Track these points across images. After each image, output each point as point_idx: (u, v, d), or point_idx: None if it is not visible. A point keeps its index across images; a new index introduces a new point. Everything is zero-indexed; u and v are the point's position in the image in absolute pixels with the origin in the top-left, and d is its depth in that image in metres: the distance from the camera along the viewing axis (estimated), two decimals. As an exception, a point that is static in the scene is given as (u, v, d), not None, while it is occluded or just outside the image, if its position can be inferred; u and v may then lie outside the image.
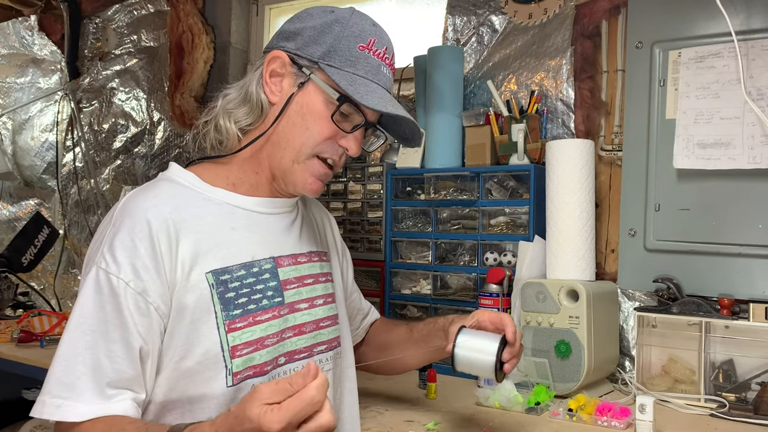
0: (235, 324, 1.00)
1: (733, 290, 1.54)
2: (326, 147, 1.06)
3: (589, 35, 1.84)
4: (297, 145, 1.05)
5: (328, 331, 1.16)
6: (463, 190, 1.85)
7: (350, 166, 2.14)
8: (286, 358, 1.07)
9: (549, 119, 1.88)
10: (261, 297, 1.04)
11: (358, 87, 1.02)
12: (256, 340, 1.02)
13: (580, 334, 1.51)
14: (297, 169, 1.06)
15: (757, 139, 1.52)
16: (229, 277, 1.01)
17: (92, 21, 3.15)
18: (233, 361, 0.98)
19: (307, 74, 1.05)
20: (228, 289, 1.00)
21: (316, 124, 1.05)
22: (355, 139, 1.08)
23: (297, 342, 1.09)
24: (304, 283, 1.13)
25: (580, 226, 1.63)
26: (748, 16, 1.55)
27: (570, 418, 1.37)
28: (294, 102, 1.05)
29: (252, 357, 1.01)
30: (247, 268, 1.04)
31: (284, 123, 1.06)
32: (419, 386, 1.64)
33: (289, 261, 1.12)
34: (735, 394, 1.46)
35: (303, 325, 1.11)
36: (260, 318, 1.03)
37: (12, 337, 2.10)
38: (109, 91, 3.07)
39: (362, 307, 1.41)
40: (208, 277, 0.99)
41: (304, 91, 1.05)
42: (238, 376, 0.99)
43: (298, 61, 1.05)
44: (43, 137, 3.32)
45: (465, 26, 2.09)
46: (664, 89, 1.67)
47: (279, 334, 1.06)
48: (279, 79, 1.06)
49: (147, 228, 0.96)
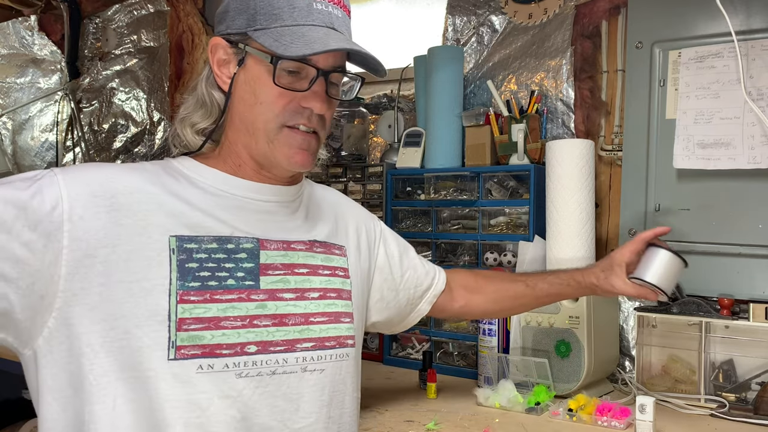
0: (189, 296, 0.93)
1: (733, 290, 1.54)
2: (289, 114, 0.98)
3: (589, 35, 1.84)
4: (261, 123, 0.99)
5: (321, 328, 1.06)
6: (463, 190, 1.85)
7: (350, 166, 2.14)
8: (258, 348, 0.98)
9: (549, 119, 1.88)
10: (227, 276, 0.97)
11: (283, 39, 0.93)
12: (210, 319, 0.94)
13: (580, 334, 1.51)
14: (274, 147, 0.99)
15: (757, 139, 1.52)
16: (196, 246, 0.95)
17: (92, 21, 3.15)
18: (178, 333, 0.91)
19: (243, 48, 0.98)
20: (192, 258, 0.94)
21: (267, 95, 0.98)
22: (315, 94, 0.98)
23: (276, 333, 1.00)
24: (294, 271, 1.05)
25: (580, 226, 1.63)
26: (748, 16, 1.55)
27: (570, 418, 1.37)
28: (240, 82, 0.99)
29: (201, 335, 0.93)
30: (220, 243, 0.98)
31: (241, 107, 1.00)
32: (419, 386, 1.64)
33: (279, 246, 1.04)
34: (735, 394, 1.46)
35: (286, 317, 1.02)
36: (219, 297, 0.96)
37: (12, 337, 2.10)
38: (109, 91, 3.07)
39: (420, 282, 1.32)
40: (171, 240, 0.94)
41: (245, 67, 0.99)
42: (182, 351, 0.91)
43: (231, 39, 0.99)
44: (43, 137, 3.32)
45: (465, 26, 2.09)
46: (664, 89, 1.67)
47: (248, 319, 0.98)
48: (225, 64, 1.00)
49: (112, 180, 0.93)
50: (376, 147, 2.27)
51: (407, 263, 1.29)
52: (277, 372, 0.99)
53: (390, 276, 1.25)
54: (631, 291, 1.26)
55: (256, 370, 0.97)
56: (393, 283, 1.26)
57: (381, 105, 2.26)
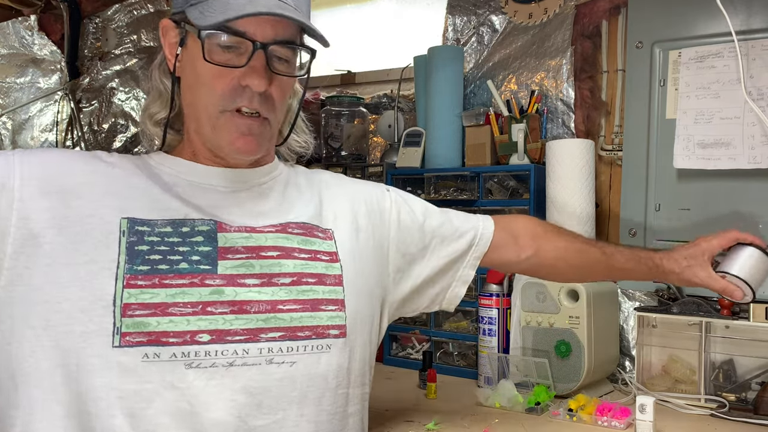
0: (136, 280, 0.88)
1: (734, 290, 1.54)
2: (229, 95, 0.92)
3: (589, 35, 1.84)
4: (202, 107, 0.93)
5: (292, 316, 0.95)
6: (463, 190, 1.85)
7: (350, 166, 2.14)
8: (212, 337, 0.90)
9: (549, 119, 1.88)
10: (180, 259, 0.91)
11: (207, 10, 0.88)
12: (156, 305, 0.88)
13: (580, 334, 1.51)
14: (217, 133, 0.94)
15: (758, 139, 1.52)
16: (148, 230, 0.91)
17: (92, 21, 3.15)
18: (123, 319, 0.86)
19: (183, 27, 0.94)
20: (142, 241, 0.90)
21: (204, 75, 0.91)
22: (253, 69, 0.91)
23: (234, 321, 0.92)
24: (261, 255, 0.96)
25: (580, 226, 1.63)
26: (749, 16, 1.55)
27: (570, 418, 1.37)
28: (183, 64, 0.94)
29: (146, 322, 0.87)
30: (175, 226, 0.92)
31: (186, 91, 0.95)
32: (419, 386, 1.64)
33: (241, 228, 0.97)
34: (735, 394, 1.46)
35: (247, 303, 0.93)
36: (169, 282, 0.89)
37: (12, 337, 2.10)
38: (109, 91, 3.07)
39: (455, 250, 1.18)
40: (122, 222, 0.90)
41: (186, 48, 0.94)
42: (127, 338, 0.85)
43: (174, 19, 0.96)
44: (43, 137, 3.32)
45: (465, 26, 2.09)
46: (664, 89, 1.67)
47: (200, 305, 0.90)
48: (175, 49, 0.96)
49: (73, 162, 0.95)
50: (376, 147, 2.27)
51: (429, 230, 1.17)
52: (235, 363, 0.90)
53: (406, 248, 1.14)
54: (717, 285, 1.15)
55: (210, 360, 0.89)
56: (414, 256, 1.14)
57: (381, 105, 2.26)
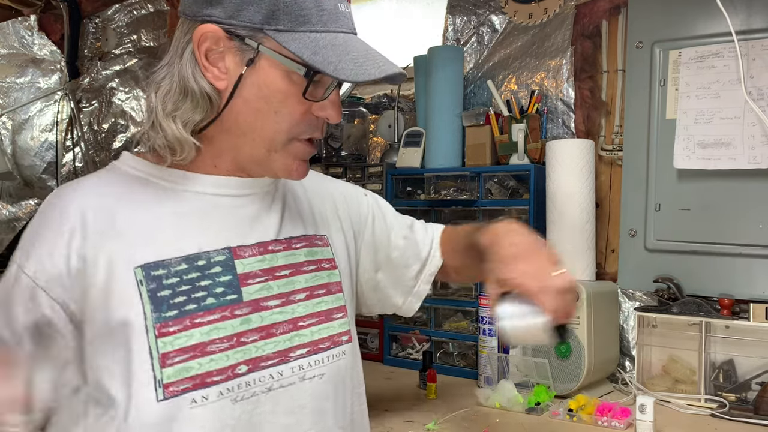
0: (167, 327, 0.84)
1: (734, 290, 1.54)
2: (304, 126, 0.89)
3: (589, 35, 1.84)
4: (269, 133, 0.88)
5: (312, 330, 0.97)
6: (464, 189, 1.85)
7: (350, 166, 2.14)
8: (248, 366, 0.89)
9: (549, 119, 1.88)
10: (205, 295, 0.88)
11: (325, 52, 0.82)
12: (194, 347, 0.85)
13: (580, 334, 1.51)
14: (275, 157, 0.90)
15: (758, 139, 1.52)
16: (164, 272, 0.86)
17: (92, 21, 3.15)
18: (163, 370, 0.83)
19: (255, 47, 0.84)
20: (162, 286, 0.85)
21: (286, 105, 0.86)
22: (332, 103, 0.89)
23: (264, 347, 0.91)
24: (275, 275, 0.95)
25: (580, 226, 1.63)
26: (749, 16, 1.55)
27: (570, 418, 1.37)
28: (247, 84, 0.86)
29: (188, 366, 0.84)
30: (189, 262, 0.88)
31: (244, 109, 0.88)
32: (419, 386, 1.64)
33: (254, 251, 0.93)
34: (735, 394, 1.46)
35: (273, 327, 0.93)
36: (201, 320, 0.87)
37: (12, 337, 2.10)
38: (109, 91, 3.07)
39: (409, 263, 1.17)
40: (137, 272, 0.85)
41: (256, 68, 0.85)
42: (171, 389, 0.83)
43: (235, 32, 0.84)
44: (43, 137, 3.32)
45: (465, 26, 2.09)
46: (665, 89, 1.67)
47: (234, 338, 0.89)
48: (219, 57, 0.86)
49: (59, 218, 0.86)
50: (376, 147, 2.27)
51: (395, 245, 1.17)
52: (273, 388, 0.91)
53: (375, 255, 1.14)
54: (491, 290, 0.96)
55: (251, 391, 0.89)
56: (377, 264, 1.15)
57: (381, 105, 2.26)
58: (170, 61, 0.90)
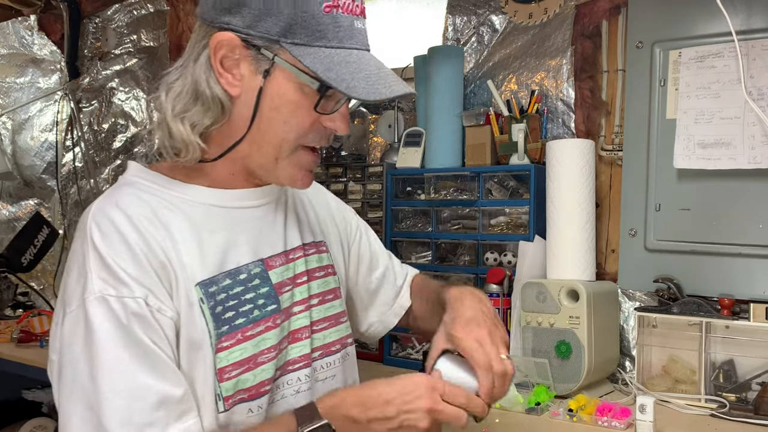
0: (223, 343, 0.87)
1: (734, 290, 1.54)
2: (311, 136, 0.91)
3: (590, 35, 1.84)
4: (277, 141, 0.89)
5: (324, 334, 1.02)
6: (463, 190, 1.85)
7: (350, 166, 2.13)
8: (280, 371, 0.94)
9: (549, 119, 1.88)
10: (252, 308, 0.91)
11: (338, 69, 0.84)
12: (248, 359, 0.89)
13: (580, 334, 1.51)
14: (282, 165, 0.91)
15: (758, 139, 1.52)
16: (215, 288, 0.88)
17: (92, 21, 3.15)
18: (221, 384, 0.86)
19: (270, 58, 0.86)
20: (217, 302, 0.88)
21: (295, 116, 0.88)
22: (342, 116, 0.91)
23: (291, 351, 0.96)
24: (296, 282, 0.99)
25: (580, 226, 1.63)
26: (749, 16, 1.55)
27: (570, 418, 1.37)
28: (263, 95, 0.88)
29: (244, 379, 0.88)
30: (233, 276, 0.91)
31: (256, 119, 0.89)
32: (419, 386, 1.63)
33: (281, 260, 0.97)
34: (735, 394, 1.46)
35: (298, 331, 0.97)
36: (251, 333, 0.90)
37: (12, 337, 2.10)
38: (109, 91, 3.07)
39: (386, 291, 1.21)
40: (198, 290, 0.87)
41: (271, 79, 0.87)
42: (230, 401, 0.87)
43: (252, 42, 0.86)
44: (43, 137, 3.32)
45: (465, 26, 2.09)
46: (665, 89, 1.67)
47: (277, 346, 0.93)
48: (233, 64, 0.87)
49: (127, 248, 0.83)
50: (376, 147, 2.27)
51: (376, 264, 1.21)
52: (300, 390, 0.96)
53: (356, 274, 1.18)
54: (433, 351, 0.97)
55: (280, 393, 0.94)
56: (359, 283, 1.19)
57: (381, 105, 2.26)
58: (184, 63, 0.91)
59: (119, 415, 0.78)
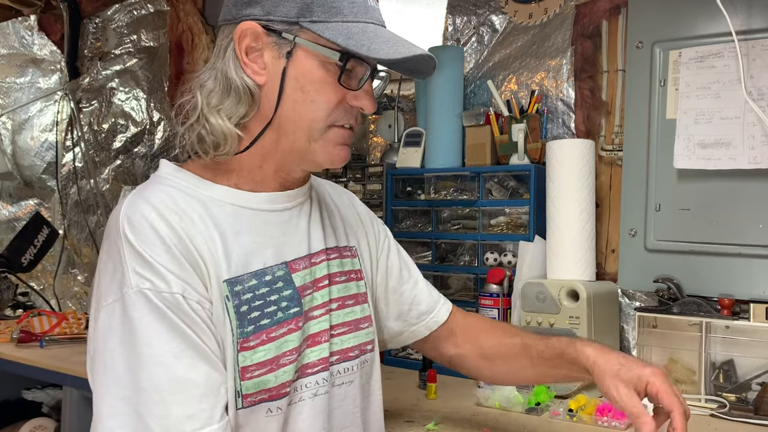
0: (248, 342, 0.88)
1: (734, 290, 1.54)
2: (340, 114, 0.93)
3: (590, 35, 1.84)
4: (306, 123, 0.91)
5: (342, 339, 1.02)
6: (463, 190, 1.85)
7: (350, 166, 2.14)
8: (299, 373, 0.95)
9: (549, 119, 1.88)
10: (276, 309, 0.92)
11: (358, 37, 0.87)
12: (271, 360, 0.90)
13: (580, 334, 1.51)
14: (316, 146, 0.93)
15: (758, 139, 1.52)
16: (241, 288, 0.90)
17: (92, 21, 3.15)
18: (243, 383, 0.88)
19: (291, 39, 0.89)
20: (242, 302, 0.89)
21: (321, 93, 0.90)
22: (367, 93, 0.94)
23: (310, 354, 0.97)
24: (318, 286, 1.00)
25: (580, 226, 1.63)
26: (749, 16, 1.55)
27: (570, 418, 1.37)
28: (287, 77, 0.90)
29: (266, 380, 0.89)
30: (258, 277, 0.92)
31: (283, 104, 0.91)
32: (419, 386, 1.64)
33: (304, 263, 0.98)
34: (735, 394, 1.46)
35: (318, 335, 0.98)
36: (274, 334, 0.91)
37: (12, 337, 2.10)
38: (109, 91, 3.07)
39: (419, 301, 1.20)
40: (224, 286, 0.88)
41: (293, 60, 0.90)
42: (249, 399, 0.88)
43: (273, 27, 0.89)
44: (43, 137, 3.32)
45: (465, 26, 2.09)
46: (665, 89, 1.67)
47: (298, 349, 0.94)
48: (258, 54, 0.91)
49: (161, 242, 0.84)
50: (376, 147, 2.27)
51: (407, 277, 1.21)
52: (318, 393, 0.97)
53: (385, 283, 1.19)
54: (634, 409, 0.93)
55: (298, 395, 0.95)
56: (386, 293, 1.19)
57: (381, 105, 2.26)
58: (213, 63, 0.94)
59: (159, 408, 0.79)
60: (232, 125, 0.91)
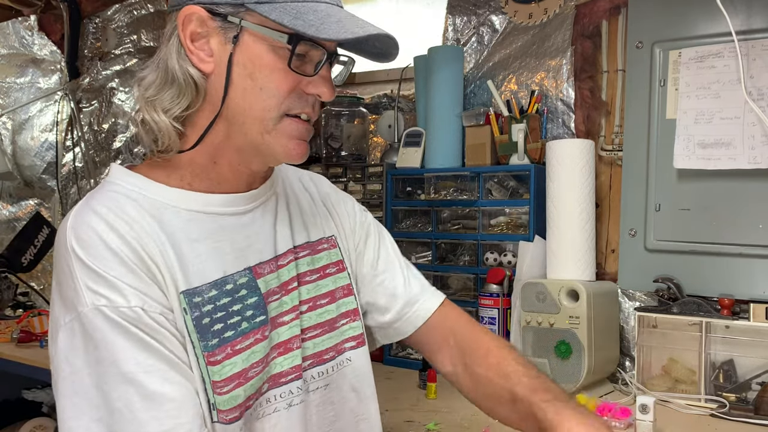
0: (215, 357, 0.83)
1: (734, 290, 1.54)
2: (294, 102, 0.85)
3: (589, 35, 1.84)
4: (258, 112, 0.84)
5: (314, 342, 0.96)
6: (463, 190, 1.85)
7: (350, 166, 2.13)
8: (269, 384, 0.89)
9: (549, 119, 1.88)
10: (240, 320, 0.86)
11: (306, 17, 0.80)
12: (239, 374, 0.84)
13: (580, 334, 1.51)
14: (270, 139, 0.85)
15: (758, 139, 1.52)
16: (200, 299, 0.84)
17: (92, 21, 3.15)
18: (216, 397, 0.82)
19: (237, 23, 0.82)
20: (202, 313, 0.83)
21: (271, 79, 0.83)
22: (323, 79, 0.86)
23: (283, 362, 0.91)
24: (287, 289, 0.93)
25: (580, 226, 1.63)
26: (749, 16, 1.55)
27: (570, 418, 1.37)
28: (234, 63, 0.83)
29: (236, 395, 0.84)
30: (218, 287, 0.86)
31: (232, 93, 0.84)
32: (419, 386, 1.64)
33: (270, 267, 0.92)
34: (735, 394, 1.46)
35: (289, 341, 0.92)
36: (240, 346, 0.85)
37: (12, 337, 2.10)
38: (109, 91, 3.07)
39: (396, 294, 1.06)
40: (181, 298, 0.82)
41: (240, 45, 0.83)
42: (222, 416, 0.83)
43: (218, 10, 0.82)
44: (43, 137, 3.32)
45: (465, 26, 2.09)
46: (665, 89, 1.67)
47: (264, 359, 0.88)
48: (204, 41, 0.84)
49: (112, 255, 0.79)
50: (376, 147, 2.27)
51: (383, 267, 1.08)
52: (293, 403, 0.92)
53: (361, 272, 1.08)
54: None
55: (272, 407, 0.90)
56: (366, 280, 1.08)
57: (381, 105, 2.26)
58: (157, 59, 0.88)
59: (134, 427, 0.75)
60: (170, 118, 0.84)
